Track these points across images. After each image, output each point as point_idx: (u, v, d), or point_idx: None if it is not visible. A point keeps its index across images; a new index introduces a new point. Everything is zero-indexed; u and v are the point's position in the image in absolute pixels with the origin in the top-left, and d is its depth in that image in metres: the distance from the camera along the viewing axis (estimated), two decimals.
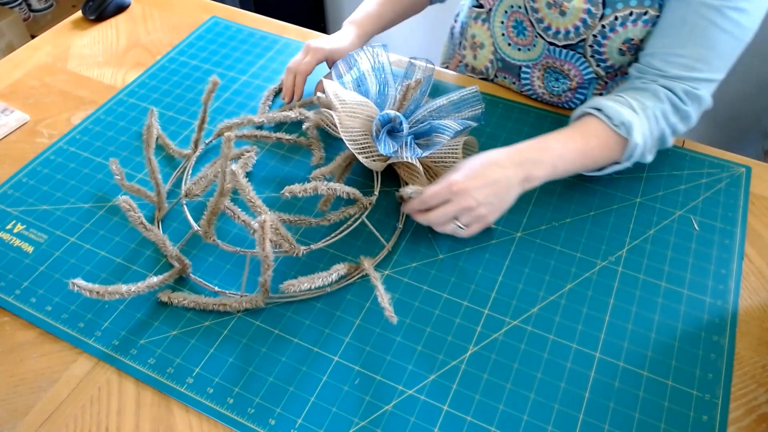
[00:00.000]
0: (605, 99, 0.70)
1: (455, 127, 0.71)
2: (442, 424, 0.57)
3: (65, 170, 0.79)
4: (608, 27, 0.73)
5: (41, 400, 0.59)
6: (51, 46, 0.99)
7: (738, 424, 0.57)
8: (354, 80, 0.79)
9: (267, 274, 0.62)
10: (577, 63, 0.79)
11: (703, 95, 0.70)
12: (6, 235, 0.72)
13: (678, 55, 0.69)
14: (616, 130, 0.68)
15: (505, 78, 0.90)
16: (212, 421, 0.58)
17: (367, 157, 0.72)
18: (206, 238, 0.65)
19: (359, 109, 0.74)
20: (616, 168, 0.72)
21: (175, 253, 0.66)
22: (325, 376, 0.60)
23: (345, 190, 0.67)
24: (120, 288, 0.62)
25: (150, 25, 1.03)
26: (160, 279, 0.65)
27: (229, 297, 0.65)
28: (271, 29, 1.02)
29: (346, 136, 0.71)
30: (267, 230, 0.59)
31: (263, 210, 0.61)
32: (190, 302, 0.65)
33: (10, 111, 0.87)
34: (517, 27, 0.81)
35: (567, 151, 0.68)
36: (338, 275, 0.65)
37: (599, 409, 0.58)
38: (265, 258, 0.61)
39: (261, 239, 0.59)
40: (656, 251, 0.70)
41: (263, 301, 0.65)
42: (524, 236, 0.72)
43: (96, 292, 0.61)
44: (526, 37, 0.81)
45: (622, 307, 0.65)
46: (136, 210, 0.65)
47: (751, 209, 0.74)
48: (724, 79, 0.72)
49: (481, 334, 0.63)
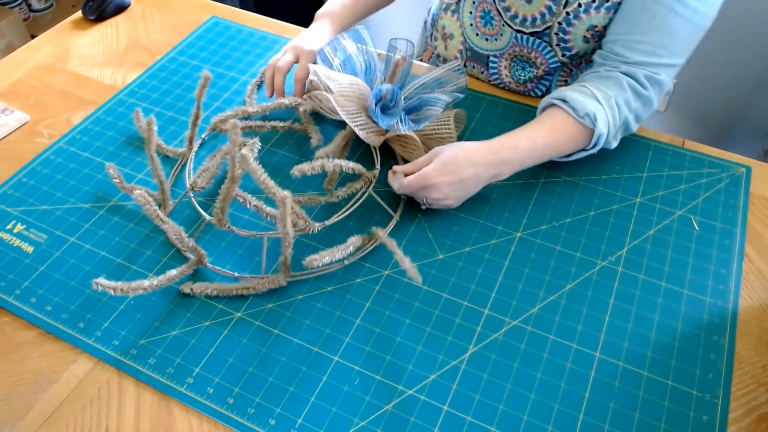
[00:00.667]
0: (570, 90, 0.73)
1: (445, 99, 0.74)
2: (442, 424, 0.57)
3: (65, 170, 0.79)
4: (572, 14, 0.75)
5: (41, 400, 0.59)
6: (51, 46, 0.99)
7: (738, 424, 0.57)
8: (341, 62, 0.82)
9: (288, 251, 0.63)
10: (543, 51, 0.82)
11: (664, 79, 0.73)
12: (6, 235, 0.72)
13: (639, 41, 0.71)
14: (581, 122, 0.71)
15: (474, 67, 0.93)
16: (212, 421, 0.58)
17: (367, 132, 0.75)
18: (221, 225, 0.66)
19: (352, 88, 0.77)
20: (582, 155, 0.75)
21: (191, 244, 0.67)
22: (325, 376, 0.60)
23: (350, 166, 0.69)
24: (142, 283, 0.62)
25: (150, 25, 1.03)
26: (180, 271, 0.66)
27: (251, 280, 0.66)
28: (271, 29, 1.02)
29: (345, 114, 0.74)
30: (288, 206, 0.59)
31: (277, 190, 0.61)
32: (213, 290, 0.65)
33: (10, 111, 0.87)
34: (484, 17, 0.84)
35: (536, 148, 0.71)
36: (354, 247, 0.66)
37: (599, 409, 0.58)
38: (286, 235, 0.62)
39: (283, 216, 0.60)
40: (656, 251, 0.70)
41: (285, 279, 0.66)
42: (524, 236, 0.72)
43: (120, 290, 0.61)
44: (493, 27, 0.84)
45: (622, 307, 0.65)
46: (152, 203, 0.65)
47: (751, 209, 0.74)
48: (724, 80, 0.73)
49: (481, 334, 0.63)
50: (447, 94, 0.77)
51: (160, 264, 0.69)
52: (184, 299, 0.66)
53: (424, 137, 0.77)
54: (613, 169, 0.78)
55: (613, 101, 0.71)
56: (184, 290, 0.66)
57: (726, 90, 1.68)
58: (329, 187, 0.74)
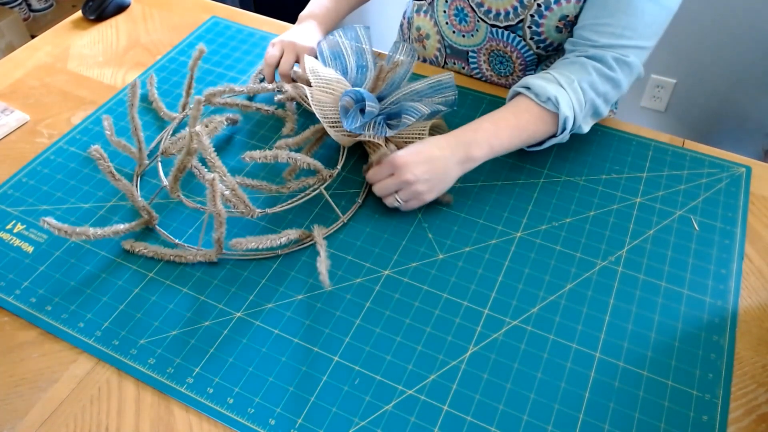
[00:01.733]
0: (533, 77, 0.74)
1: (423, 110, 0.74)
2: (442, 424, 0.57)
3: (65, 170, 0.79)
4: (544, 5, 0.76)
5: (41, 400, 0.59)
6: (51, 46, 0.99)
7: (738, 424, 0.57)
8: (334, 59, 0.82)
9: (220, 230, 0.66)
10: (518, 46, 0.83)
11: (633, 62, 0.73)
12: (6, 235, 0.72)
13: (606, 24, 0.72)
14: (544, 106, 0.72)
15: (454, 63, 0.94)
16: (212, 421, 0.58)
17: (337, 131, 0.75)
18: (171, 193, 0.70)
19: (334, 85, 0.77)
20: (554, 141, 0.75)
21: (142, 204, 0.70)
22: (325, 376, 0.60)
23: (306, 161, 0.71)
24: (87, 230, 0.67)
25: (150, 25, 1.03)
26: (126, 227, 0.70)
27: (186, 250, 0.69)
28: (271, 29, 1.02)
29: (317, 109, 0.75)
30: (216, 187, 0.63)
31: (222, 170, 0.66)
32: (150, 251, 0.69)
33: (10, 111, 0.87)
34: (458, 15, 0.85)
35: (500, 129, 0.72)
36: (288, 239, 0.68)
37: (599, 409, 0.58)
38: (217, 215, 0.65)
39: (211, 195, 0.63)
40: (656, 251, 0.70)
41: (216, 256, 0.69)
42: (524, 236, 0.72)
43: (64, 231, 0.65)
44: (468, 24, 0.85)
45: (622, 307, 0.65)
46: (106, 159, 0.68)
47: (751, 209, 0.74)
48: (724, 79, 0.73)
49: (481, 334, 0.63)
50: (430, 106, 0.76)
51: (160, 263, 0.69)
52: (185, 299, 0.66)
53: (400, 142, 0.76)
54: (613, 169, 0.78)
55: (576, 84, 0.72)
56: (125, 246, 0.70)
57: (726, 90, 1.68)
58: (288, 177, 0.76)
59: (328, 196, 0.74)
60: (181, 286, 0.67)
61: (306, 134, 0.78)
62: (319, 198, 0.75)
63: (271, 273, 0.68)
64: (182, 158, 0.67)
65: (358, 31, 0.84)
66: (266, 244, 0.67)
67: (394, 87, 0.80)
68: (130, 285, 0.67)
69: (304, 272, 0.68)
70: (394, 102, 0.78)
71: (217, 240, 0.67)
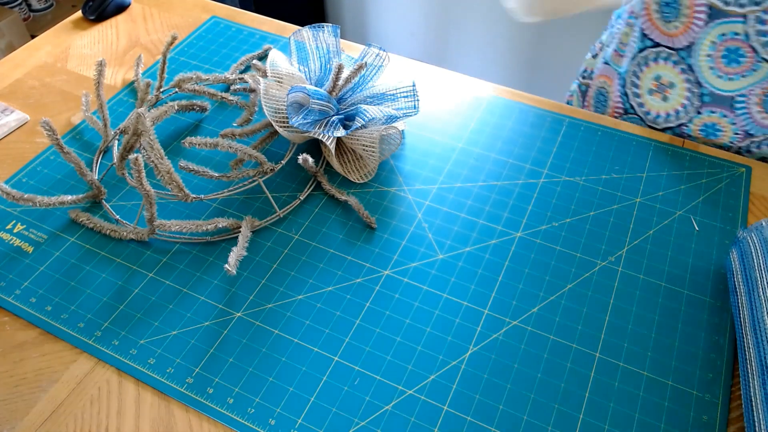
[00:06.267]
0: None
1: (377, 116, 0.73)
2: (442, 424, 0.57)
3: (65, 170, 0.79)
4: None
5: (41, 400, 0.59)
6: (51, 46, 0.99)
7: (738, 424, 0.57)
8: (299, 54, 0.82)
9: (150, 210, 0.68)
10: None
11: None
12: (6, 235, 0.72)
13: None
14: None
15: (713, 113, 0.81)
16: (212, 421, 0.58)
17: (283, 127, 0.76)
18: (117, 170, 0.73)
19: (291, 81, 0.77)
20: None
21: (90, 177, 0.73)
22: (325, 376, 0.60)
23: (248, 152, 0.72)
24: (35, 198, 0.70)
25: (150, 25, 1.03)
26: (73, 198, 0.73)
27: (123, 226, 0.71)
28: (271, 29, 1.02)
29: (267, 103, 0.75)
30: (140, 167, 0.65)
31: (159, 153, 0.67)
32: (91, 223, 0.72)
33: (10, 111, 0.87)
34: (728, 56, 0.74)
35: None
36: (216, 227, 0.70)
37: (599, 409, 0.58)
38: (146, 195, 0.67)
39: (137, 175, 0.65)
40: (656, 251, 0.70)
41: (148, 235, 0.70)
42: (524, 236, 0.72)
43: (13, 196, 0.69)
44: (741, 65, 0.74)
45: (622, 307, 0.65)
46: (56, 132, 0.71)
47: (751, 209, 0.74)
48: None
49: (481, 334, 0.63)
50: (385, 113, 0.74)
51: (161, 263, 0.69)
52: (185, 300, 0.66)
53: (351, 143, 0.76)
54: (613, 169, 0.78)
55: None
56: (71, 215, 0.72)
57: None
58: (234, 166, 0.76)
59: (267, 190, 0.75)
60: (182, 287, 0.67)
61: (256, 126, 0.78)
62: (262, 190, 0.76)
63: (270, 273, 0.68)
64: (128, 138, 0.71)
65: (326, 29, 0.83)
66: (191, 229, 0.69)
67: (356, 89, 0.79)
68: (131, 286, 0.67)
69: (304, 272, 0.68)
70: (352, 104, 0.78)
71: (148, 220, 0.69)
